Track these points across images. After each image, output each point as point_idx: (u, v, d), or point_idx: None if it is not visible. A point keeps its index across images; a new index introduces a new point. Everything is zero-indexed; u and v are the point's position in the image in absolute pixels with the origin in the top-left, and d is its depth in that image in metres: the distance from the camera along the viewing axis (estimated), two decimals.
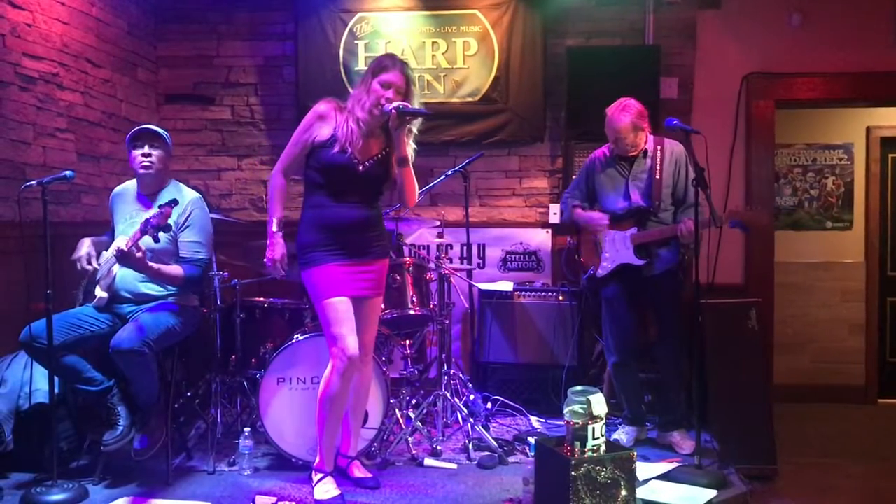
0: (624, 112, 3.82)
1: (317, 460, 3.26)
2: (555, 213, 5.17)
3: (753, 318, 4.21)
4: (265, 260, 3.24)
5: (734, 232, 4.05)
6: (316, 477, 3.22)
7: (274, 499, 3.05)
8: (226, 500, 3.22)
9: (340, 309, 3.10)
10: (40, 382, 3.50)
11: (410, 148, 3.23)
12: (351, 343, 3.08)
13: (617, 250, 3.92)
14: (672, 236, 3.80)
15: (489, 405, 4.46)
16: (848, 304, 5.96)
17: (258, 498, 3.06)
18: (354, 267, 3.17)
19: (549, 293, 4.80)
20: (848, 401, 5.73)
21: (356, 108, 3.14)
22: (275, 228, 3.23)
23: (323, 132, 3.15)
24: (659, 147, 3.87)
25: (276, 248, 3.22)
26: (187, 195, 3.56)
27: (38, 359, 3.38)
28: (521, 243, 5.23)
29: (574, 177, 4.41)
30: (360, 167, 3.15)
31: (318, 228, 3.14)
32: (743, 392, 4.07)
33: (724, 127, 5.01)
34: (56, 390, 3.32)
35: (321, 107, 3.19)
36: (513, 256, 5.23)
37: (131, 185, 3.66)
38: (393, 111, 3.08)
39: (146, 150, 3.49)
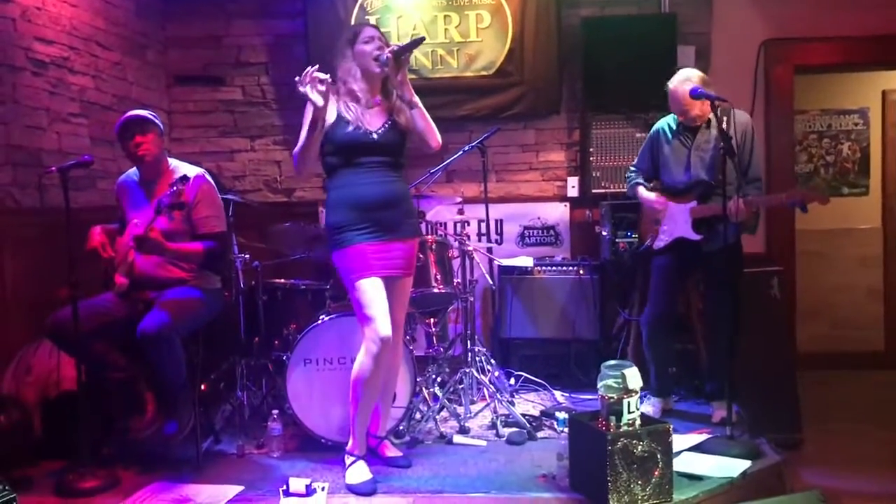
0: (686, 83, 3.69)
1: (349, 443, 3.24)
2: (573, 187, 5.13)
3: (776, 287, 4.20)
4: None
5: None
6: (348, 460, 3.20)
7: (308, 480, 3.02)
8: (258, 482, 3.20)
9: (373, 290, 3.07)
10: (66, 370, 3.48)
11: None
12: (384, 324, 3.04)
13: (675, 223, 3.84)
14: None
15: (512, 381, 4.45)
16: (865, 270, 5.94)
17: (292, 480, 3.02)
18: (385, 245, 3.13)
19: (570, 267, 4.78)
20: (868, 367, 5.70)
21: (349, 81, 3.14)
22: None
23: (329, 113, 3.12)
24: (725, 117, 3.67)
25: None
26: (190, 172, 3.51)
27: (64, 347, 3.38)
28: (538, 218, 5.18)
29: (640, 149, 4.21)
30: (375, 135, 3.13)
31: (347, 207, 3.10)
32: (767, 360, 4.07)
33: (742, 94, 4.92)
34: (83, 378, 3.30)
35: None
36: (531, 231, 5.19)
37: (133, 173, 3.63)
38: (389, 56, 3.07)
39: (137, 139, 3.44)
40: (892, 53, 4.93)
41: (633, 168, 4.13)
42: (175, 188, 3.14)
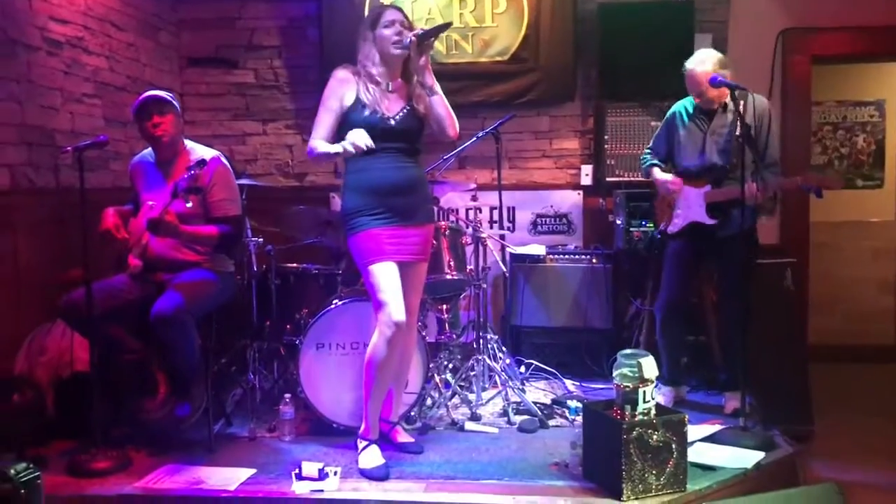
0: (704, 64, 3.66)
1: (362, 428, 3.23)
2: (586, 175, 5.10)
3: (789, 278, 4.18)
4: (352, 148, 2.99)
5: None
6: (361, 444, 3.20)
7: (321, 464, 3.02)
8: (270, 466, 3.20)
9: (387, 274, 3.05)
10: (79, 351, 3.48)
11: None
12: (398, 309, 3.03)
13: (689, 207, 3.82)
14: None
15: (522, 369, 4.44)
16: (878, 264, 5.91)
17: (304, 464, 3.03)
18: (401, 230, 3.11)
19: (582, 256, 4.76)
20: (877, 360, 5.67)
21: (368, 66, 3.11)
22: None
23: (348, 96, 3.10)
24: (742, 101, 3.64)
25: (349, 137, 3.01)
26: (207, 154, 3.49)
27: (77, 328, 3.37)
28: (551, 206, 5.16)
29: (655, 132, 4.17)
30: (392, 121, 3.11)
31: (363, 192, 3.09)
32: (779, 352, 4.06)
33: (759, 84, 4.81)
34: (95, 359, 3.30)
35: (340, 73, 3.15)
36: (543, 219, 5.17)
37: (148, 153, 3.60)
38: (413, 39, 3.04)
39: (155, 119, 3.42)
40: None
41: (648, 149, 4.10)
42: (193, 172, 3.12)
